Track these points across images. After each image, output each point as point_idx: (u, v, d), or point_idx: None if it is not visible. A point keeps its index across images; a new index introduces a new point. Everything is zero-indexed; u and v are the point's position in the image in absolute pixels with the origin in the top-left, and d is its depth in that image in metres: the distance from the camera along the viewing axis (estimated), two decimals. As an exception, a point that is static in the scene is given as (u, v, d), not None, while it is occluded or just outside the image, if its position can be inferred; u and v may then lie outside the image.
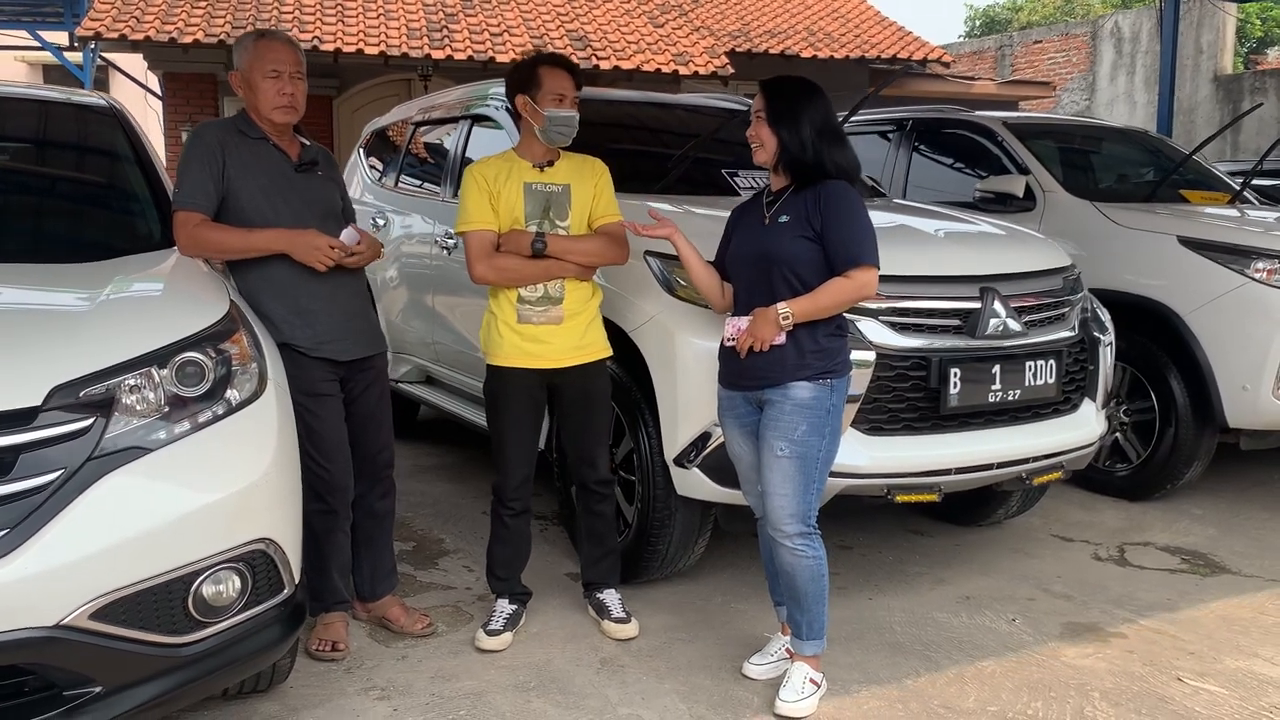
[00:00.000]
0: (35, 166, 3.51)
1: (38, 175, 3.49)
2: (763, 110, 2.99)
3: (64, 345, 2.30)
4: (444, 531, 4.52)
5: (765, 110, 2.98)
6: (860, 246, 2.93)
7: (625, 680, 3.16)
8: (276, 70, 3.14)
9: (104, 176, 3.51)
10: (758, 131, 3.00)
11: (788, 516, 2.96)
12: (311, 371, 3.19)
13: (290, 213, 3.17)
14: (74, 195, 3.48)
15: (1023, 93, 15.90)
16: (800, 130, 2.95)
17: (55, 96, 3.68)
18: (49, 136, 3.57)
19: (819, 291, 2.91)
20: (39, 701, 2.14)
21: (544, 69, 3.30)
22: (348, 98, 12.99)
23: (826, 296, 2.91)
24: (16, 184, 3.42)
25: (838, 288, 2.92)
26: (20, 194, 3.41)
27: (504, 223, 3.30)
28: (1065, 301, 3.83)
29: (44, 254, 3.01)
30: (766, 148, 2.99)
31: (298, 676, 3.12)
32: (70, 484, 2.15)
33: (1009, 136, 6.00)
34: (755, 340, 2.90)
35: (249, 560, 2.42)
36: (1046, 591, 3.91)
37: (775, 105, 2.98)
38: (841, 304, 2.98)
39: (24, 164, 3.51)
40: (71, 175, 3.53)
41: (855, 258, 2.92)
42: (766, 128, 2.98)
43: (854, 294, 2.96)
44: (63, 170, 3.53)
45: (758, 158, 3.02)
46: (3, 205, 3.28)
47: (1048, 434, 3.72)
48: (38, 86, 3.84)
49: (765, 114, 2.98)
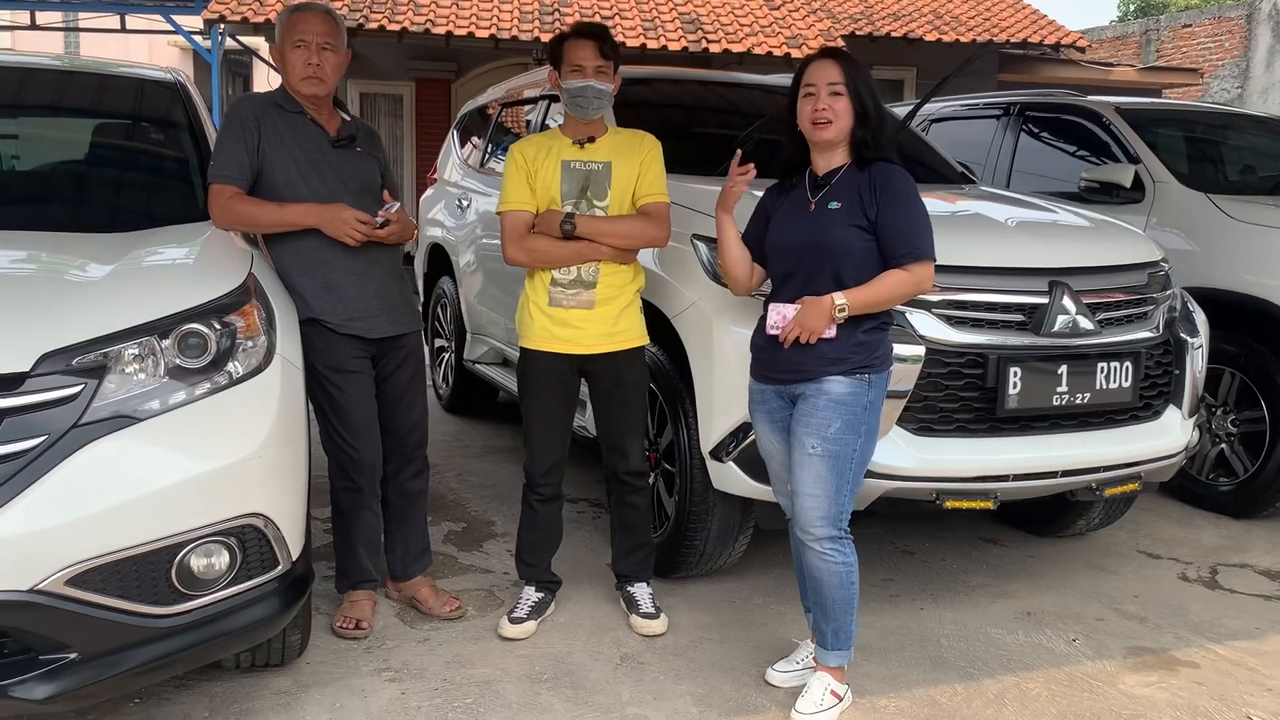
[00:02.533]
0: (93, 139, 3.58)
1: (95, 147, 3.56)
2: (840, 82, 2.77)
3: (62, 312, 2.31)
4: (497, 514, 4.48)
5: (844, 82, 2.77)
6: (921, 239, 2.74)
7: (641, 678, 3.05)
8: (302, 40, 3.11)
9: (158, 149, 3.57)
10: (832, 105, 2.76)
11: (818, 519, 2.79)
12: (340, 348, 3.17)
13: (324, 188, 3.14)
14: (127, 167, 3.54)
15: (1166, 80, 15.00)
16: (875, 100, 2.78)
17: (121, 70, 3.76)
18: (110, 110, 3.64)
19: (876, 284, 2.73)
20: (15, 664, 2.15)
21: (568, 42, 3.19)
22: (465, 81, 13.18)
23: (884, 290, 2.73)
24: (73, 155, 3.51)
25: (896, 281, 2.73)
26: (75, 165, 3.50)
27: (541, 202, 3.20)
28: (1148, 299, 3.52)
29: (87, 224, 3.06)
30: (840, 123, 2.77)
31: (316, 652, 3.12)
32: (53, 450, 2.15)
33: (1120, 123, 5.61)
34: (803, 331, 2.73)
35: (239, 535, 2.39)
36: (1118, 611, 3.63)
37: (854, 77, 2.78)
38: (899, 299, 2.80)
39: (82, 136, 3.58)
40: (127, 147, 3.60)
41: (915, 250, 2.73)
42: (845, 100, 2.77)
43: (912, 288, 2.78)
44: (118, 142, 3.60)
45: (825, 134, 2.78)
46: (56, 176, 3.36)
47: (1122, 442, 3.43)
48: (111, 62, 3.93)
49: (845, 85, 2.77)
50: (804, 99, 2.82)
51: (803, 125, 2.84)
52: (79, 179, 3.43)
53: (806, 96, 2.81)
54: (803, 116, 2.83)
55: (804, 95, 2.82)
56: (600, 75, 3.17)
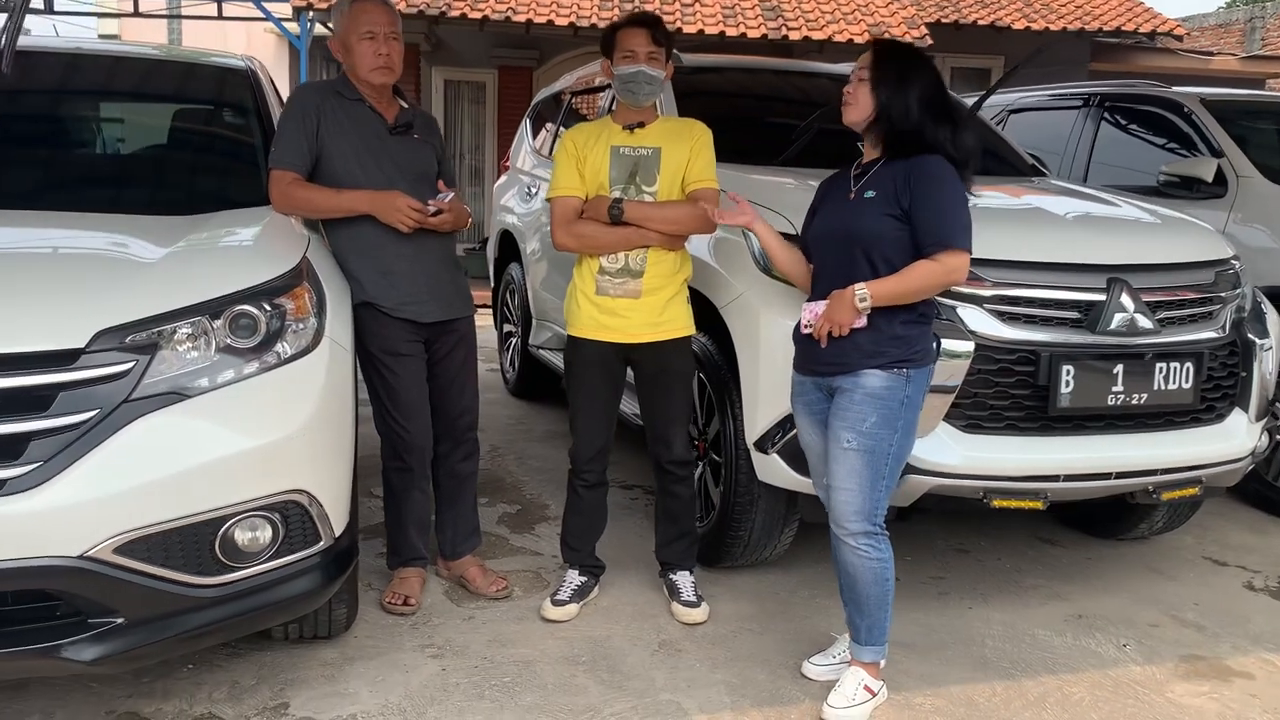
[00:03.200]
0: (166, 124, 3.71)
1: (167, 132, 3.69)
2: (867, 69, 2.77)
3: (119, 291, 2.41)
4: (552, 498, 4.53)
5: (870, 69, 2.77)
6: (951, 228, 2.69)
7: (677, 665, 3.07)
8: (371, 31, 3.18)
9: (227, 134, 3.69)
10: (855, 91, 2.78)
11: (852, 513, 2.77)
12: (393, 331, 3.24)
13: (381, 174, 3.22)
14: (196, 150, 3.67)
15: (1270, 69, 14.42)
16: (905, 95, 2.74)
17: (193, 58, 3.89)
18: (182, 95, 3.77)
19: (903, 274, 2.70)
20: (66, 626, 2.26)
21: (620, 30, 3.21)
22: (547, 69, 13.27)
23: (910, 280, 2.70)
24: (145, 140, 3.64)
25: (924, 271, 2.70)
26: (147, 149, 3.63)
27: (591, 188, 3.23)
28: (1215, 298, 3.41)
29: (156, 206, 3.18)
30: (860, 107, 2.77)
31: (363, 627, 3.21)
32: (104, 424, 2.25)
33: (1204, 114, 5.42)
34: (832, 325, 2.72)
35: (282, 510, 2.48)
36: (1175, 618, 3.53)
37: (882, 66, 2.77)
38: (927, 290, 2.75)
39: (155, 121, 3.72)
40: (197, 131, 3.73)
41: (945, 240, 2.68)
42: (866, 86, 2.76)
43: (941, 279, 2.73)
44: (189, 127, 3.72)
45: (847, 116, 2.81)
46: (128, 160, 3.50)
47: (1182, 444, 3.33)
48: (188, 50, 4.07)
49: (869, 73, 2.77)
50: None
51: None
52: (149, 162, 3.57)
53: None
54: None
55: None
56: (652, 61, 3.18)
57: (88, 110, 3.72)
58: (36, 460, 2.19)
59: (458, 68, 13.70)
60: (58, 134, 3.54)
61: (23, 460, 2.18)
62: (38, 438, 2.20)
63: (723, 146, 3.34)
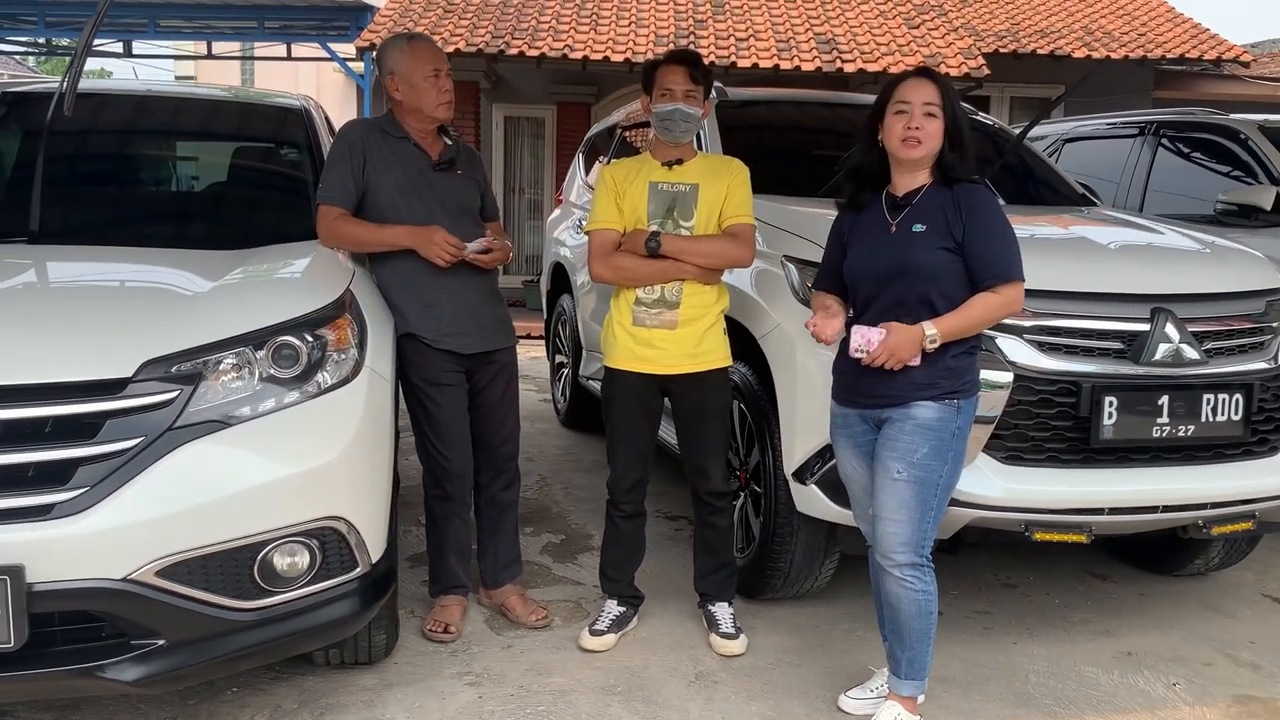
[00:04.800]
0: (223, 161, 3.85)
1: (223, 169, 3.83)
2: (937, 104, 2.74)
3: (165, 322, 2.51)
4: (596, 528, 4.54)
5: (941, 103, 2.74)
6: (1010, 260, 2.69)
7: (713, 697, 3.06)
8: (436, 70, 3.30)
9: (280, 170, 3.81)
10: (925, 126, 2.72)
11: (900, 545, 2.75)
12: (435, 361, 3.31)
13: (424, 209, 3.30)
14: (250, 186, 3.80)
15: (1343, 95, 14.04)
16: (962, 124, 2.75)
17: (251, 98, 4.04)
18: (240, 134, 3.91)
19: (966, 309, 2.68)
20: (109, 647, 2.34)
21: (660, 68, 3.26)
22: (605, 104, 13.44)
23: (973, 315, 2.69)
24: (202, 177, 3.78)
25: (986, 304, 2.68)
26: (206, 187, 3.76)
27: (629, 222, 3.28)
28: (1265, 328, 3.34)
29: (209, 241, 3.30)
30: (930, 144, 2.73)
31: (404, 653, 3.25)
32: (149, 450, 2.33)
33: (1263, 142, 5.34)
34: (892, 358, 2.67)
35: (319, 536, 2.54)
36: (1229, 657, 3.43)
37: (951, 100, 2.76)
38: (987, 322, 2.75)
39: (213, 159, 3.86)
40: (252, 168, 3.86)
41: (1005, 272, 2.68)
42: (939, 123, 2.73)
43: (1001, 311, 2.73)
44: (245, 163, 3.86)
45: (914, 152, 2.72)
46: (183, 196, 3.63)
47: (1233, 478, 3.25)
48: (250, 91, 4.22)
49: (941, 107, 2.74)
50: (894, 116, 2.76)
51: (890, 142, 2.79)
52: (207, 199, 3.70)
53: (898, 114, 2.75)
54: (892, 134, 2.77)
55: (895, 112, 2.76)
56: (689, 100, 3.23)
57: (148, 149, 3.88)
58: (84, 485, 2.27)
59: (517, 104, 13.93)
60: (118, 172, 3.70)
61: (70, 485, 2.27)
62: (85, 464, 2.29)
63: (767, 178, 3.36)
